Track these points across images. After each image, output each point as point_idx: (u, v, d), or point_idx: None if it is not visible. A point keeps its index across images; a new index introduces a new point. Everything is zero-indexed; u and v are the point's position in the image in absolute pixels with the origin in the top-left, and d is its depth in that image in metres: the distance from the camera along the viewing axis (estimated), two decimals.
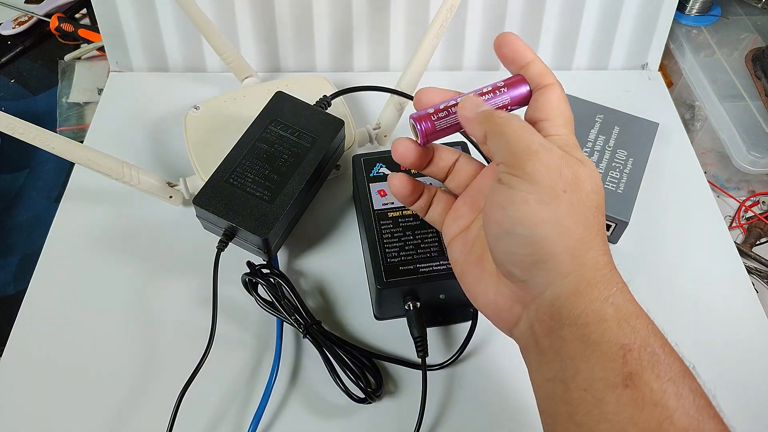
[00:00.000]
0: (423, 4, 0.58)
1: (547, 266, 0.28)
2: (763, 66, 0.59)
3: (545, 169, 0.28)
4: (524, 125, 0.29)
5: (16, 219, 0.55)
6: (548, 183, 0.27)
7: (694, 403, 0.25)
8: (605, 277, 0.28)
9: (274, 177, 0.43)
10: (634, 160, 0.50)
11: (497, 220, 0.28)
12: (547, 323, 0.28)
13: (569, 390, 0.26)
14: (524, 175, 0.28)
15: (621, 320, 0.26)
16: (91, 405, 0.40)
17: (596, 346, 0.26)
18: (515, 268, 0.29)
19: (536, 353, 0.29)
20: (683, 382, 0.25)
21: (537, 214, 0.27)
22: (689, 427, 0.24)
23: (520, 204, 0.27)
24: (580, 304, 0.27)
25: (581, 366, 0.26)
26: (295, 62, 0.61)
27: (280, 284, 0.41)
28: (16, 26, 0.69)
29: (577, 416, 0.26)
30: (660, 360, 0.26)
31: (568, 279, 0.27)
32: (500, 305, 0.31)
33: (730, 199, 0.58)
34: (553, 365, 0.27)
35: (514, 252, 0.28)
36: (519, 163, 0.28)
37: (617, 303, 0.27)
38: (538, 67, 0.32)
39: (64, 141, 0.44)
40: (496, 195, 0.29)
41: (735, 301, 0.46)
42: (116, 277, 0.46)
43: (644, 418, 0.24)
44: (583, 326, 0.27)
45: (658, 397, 0.25)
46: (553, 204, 0.27)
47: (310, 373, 0.41)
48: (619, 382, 0.25)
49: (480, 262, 0.32)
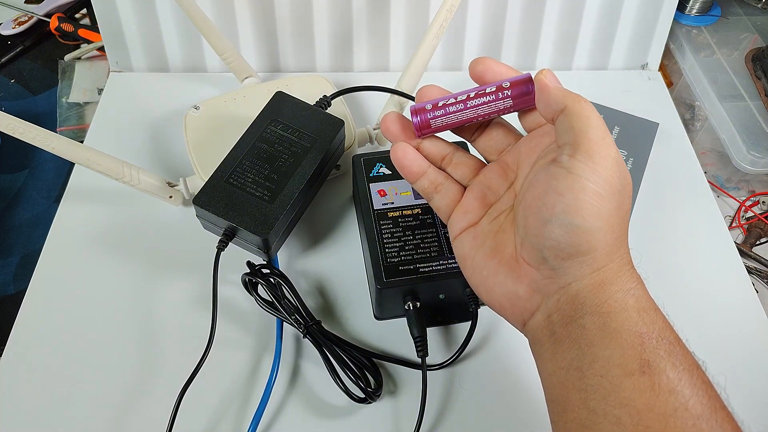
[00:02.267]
0: (423, 4, 0.58)
1: (585, 259, 0.28)
2: (763, 66, 0.59)
3: (611, 165, 0.28)
4: (600, 116, 0.30)
5: (16, 219, 0.55)
6: (610, 178, 0.28)
7: (706, 393, 0.26)
8: (628, 272, 0.29)
9: (274, 177, 0.43)
10: (634, 160, 0.50)
11: (550, 204, 0.28)
12: (568, 312, 0.28)
13: (584, 377, 0.27)
14: (592, 164, 0.28)
15: (641, 311, 0.27)
16: (91, 405, 0.40)
17: (616, 333, 0.27)
18: (551, 255, 0.29)
19: (551, 343, 0.29)
20: (697, 373, 0.26)
21: (593, 205, 0.27)
22: (702, 415, 0.25)
23: (578, 191, 0.27)
24: (603, 295, 0.28)
25: (599, 353, 0.27)
26: (295, 62, 0.61)
27: (280, 284, 0.41)
28: (16, 26, 0.69)
29: (591, 402, 0.26)
30: (676, 350, 0.26)
31: (598, 272, 0.28)
32: (519, 295, 0.31)
33: (730, 199, 0.58)
34: (569, 353, 0.28)
35: (556, 239, 0.28)
36: (592, 149, 0.28)
37: (637, 295, 0.28)
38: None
39: (64, 141, 0.44)
40: (552, 180, 0.28)
41: (735, 301, 0.46)
42: (116, 277, 0.46)
43: (660, 403, 0.25)
44: (605, 315, 0.27)
45: (674, 385, 0.25)
46: (609, 199, 0.28)
47: (310, 373, 0.41)
48: (636, 368, 0.26)
49: (496, 254, 0.32)
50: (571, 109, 0.29)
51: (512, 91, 0.33)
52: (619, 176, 0.28)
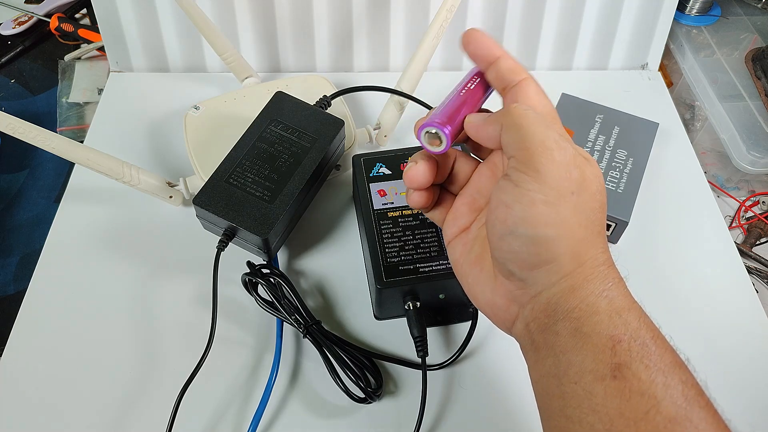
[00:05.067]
0: (423, 4, 0.58)
1: (549, 267, 0.28)
2: (763, 66, 0.59)
3: (556, 169, 0.27)
4: (540, 118, 0.29)
5: (16, 219, 0.55)
6: (557, 184, 0.27)
7: (682, 393, 0.25)
8: (602, 274, 0.28)
9: (274, 177, 0.43)
10: (634, 160, 0.50)
11: (502, 218, 0.28)
12: (542, 320, 0.28)
13: (561, 384, 0.27)
14: (534, 174, 0.27)
15: (612, 313, 0.27)
16: (91, 404, 0.40)
17: (587, 338, 0.26)
18: (516, 268, 0.28)
19: (532, 351, 0.29)
20: (673, 373, 0.25)
21: (543, 215, 0.27)
22: (676, 416, 0.24)
23: (526, 204, 0.27)
24: (574, 299, 0.27)
25: (573, 359, 0.26)
26: (295, 62, 0.61)
27: (280, 284, 0.41)
28: (16, 26, 0.69)
29: (567, 410, 0.26)
30: (650, 351, 0.26)
31: (566, 278, 0.27)
32: (498, 305, 0.31)
33: (730, 199, 0.58)
34: (547, 361, 0.28)
35: (516, 251, 0.28)
36: (531, 159, 0.27)
37: (611, 296, 0.27)
38: (507, 62, 0.31)
39: (64, 141, 0.44)
40: (502, 193, 0.28)
41: (735, 301, 0.46)
42: (116, 277, 0.46)
43: (630, 408, 0.24)
44: (576, 320, 0.27)
45: (645, 387, 0.25)
46: (560, 205, 0.27)
47: (310, 373, 0.41)
48: (608, 373, 0.25)
49: (479, 262, 0.32)
50: (506, 125, 0.29)
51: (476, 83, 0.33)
52: (569, 177, 0.27)
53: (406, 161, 0.46)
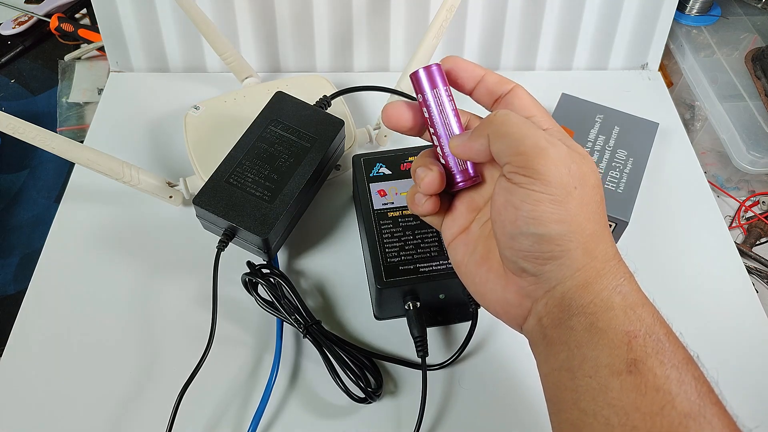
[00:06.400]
0: (423, 4, 0.58)
1: (562, 262, 0.28)
2: (763, 66, 0.59)
3: (555, 167, 0.28)
4: (524, 120, 0.29)
5: (16, 219, 0.55)
6: (559, 181, 0.28)
7: (696, 389, 0.25)
8: (614, 268, 0.28)
9: (274, 177, 0.43)
10: (634, 160, 0.50)
11: (511, 219, 0.28)
12: (557, 315, 0.28)
13: (575, 378, 0.27)
14: (536, 175, 0.27)
15: (627, 308, 0.27)
16: (91, 404, 0.40)
17: (603, 333, 0.27)
18: (528, 264, 0.29)
19: (544, 345, 0.29)
20: (686, 369, 0.26)
21: (551, 212, 0.27)
22: (690, 412, 0.25)
23: (534, 204, 0.27)
24: (589, 295, 0.27)
25: (588, 354, 0.27)
26: (295, 62, 0.61)
27: (280, 284, 0.41)
28: (16, 26, 0.69)
29: (581, 403, 0.26)
30: (664, 347, 0.26)
31: (580, 272, 0.28)
32: (510, 302, 0.31)
33: (730, 199, 0.58)
34: (561, 355, 0.28)
35: (528, 250, 0.28)
36: (529, 162, 0.28)
37: (624, 292, 0.28)
38: (492, 77, 0.33)
39: (64, 141, 0.44)
40: (507, 194, 0.29)
41: (735, 301, 0.46)
42: (116, 277, 0.46)
43: (647, 402, 0.25)
44: (591, 315, 0.27)
45: (660, 383, 0.25)
46: (566, 201, 0.28)
47: (310, 373, 0.41)
48: (624, 368, 0.26)
49: (486, 261, 0.32)
50: (493, 134, 0.29)
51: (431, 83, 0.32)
52: (569, 172, 0.28)
53: (406, 161, 0.46)
